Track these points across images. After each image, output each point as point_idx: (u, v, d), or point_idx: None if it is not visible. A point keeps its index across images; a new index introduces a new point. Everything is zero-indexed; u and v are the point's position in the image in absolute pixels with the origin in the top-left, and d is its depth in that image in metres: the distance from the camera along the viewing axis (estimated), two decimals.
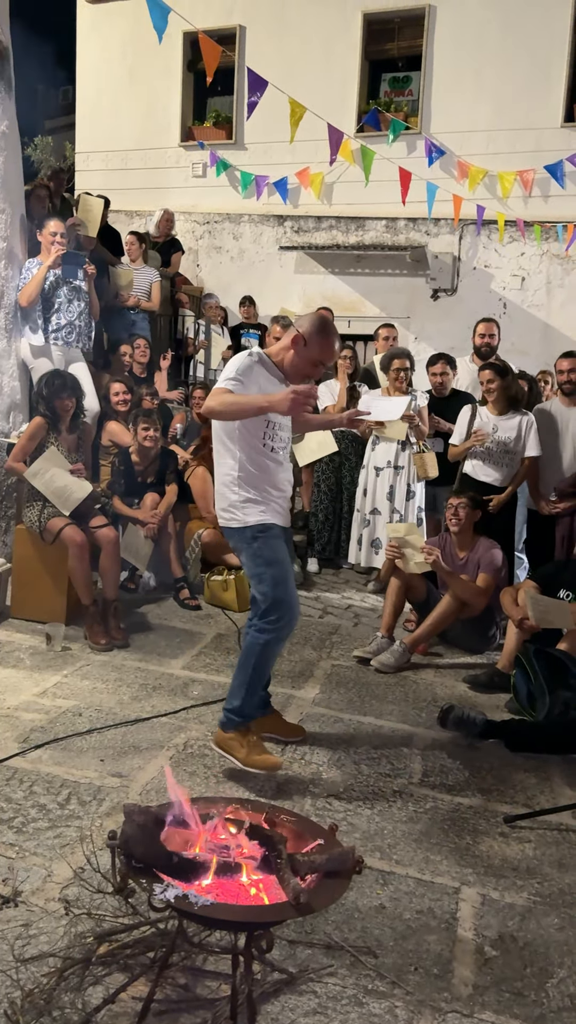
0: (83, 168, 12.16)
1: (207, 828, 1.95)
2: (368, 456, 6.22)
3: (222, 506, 3.42)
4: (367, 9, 10.56)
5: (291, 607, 3.33)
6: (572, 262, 9.84)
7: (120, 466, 5.72)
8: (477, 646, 5.10)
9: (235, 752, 3.37)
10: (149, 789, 3.17)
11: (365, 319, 10.32)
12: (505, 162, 9.78)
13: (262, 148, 10.74)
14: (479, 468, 5.52)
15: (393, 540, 4.95)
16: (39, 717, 3.72)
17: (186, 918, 1.88)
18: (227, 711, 3.41)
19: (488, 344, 6.59)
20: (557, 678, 4.05)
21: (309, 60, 10.52)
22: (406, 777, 3.47)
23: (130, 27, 11.02)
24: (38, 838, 2.79)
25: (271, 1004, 2.16)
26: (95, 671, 4.33)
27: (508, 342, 9.26)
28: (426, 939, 2.48)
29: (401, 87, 10.86)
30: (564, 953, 2.48)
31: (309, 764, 3.50)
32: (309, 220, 10.91)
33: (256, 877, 1.88)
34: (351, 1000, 2.21)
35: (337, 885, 1.89)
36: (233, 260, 11.29)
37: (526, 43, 9.81)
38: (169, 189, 11.35)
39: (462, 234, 10.24)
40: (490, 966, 2.40)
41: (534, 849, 3.02)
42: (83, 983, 2.16)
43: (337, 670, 4.66)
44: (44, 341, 5.83)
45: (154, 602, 5.56)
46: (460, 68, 10.12)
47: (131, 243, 7.90)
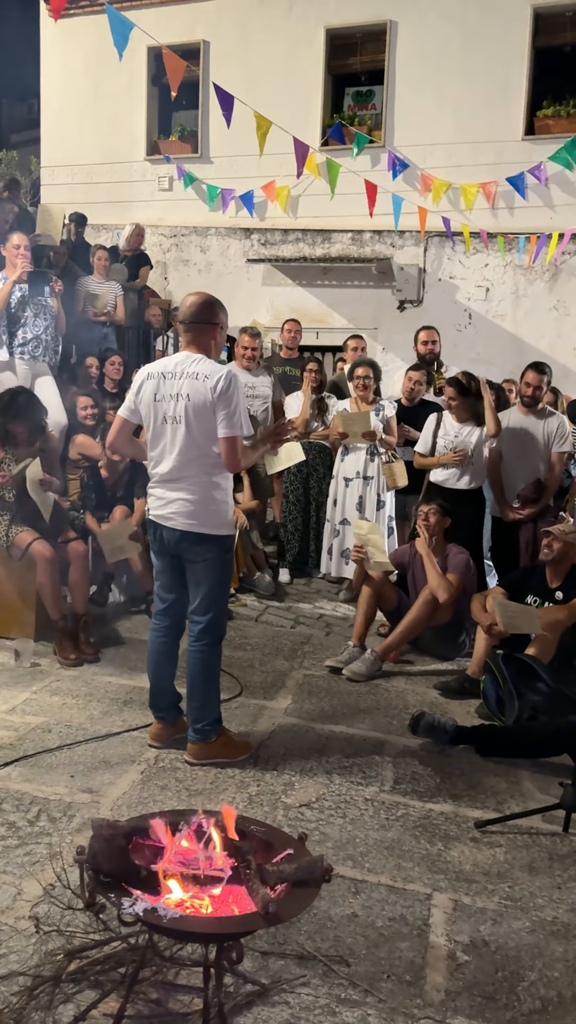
0: (48, 182, 12.14)
1: (176, 841, 1.94)
2: (337, 467, 6.26)
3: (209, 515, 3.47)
4: (329, 24, 10.67)
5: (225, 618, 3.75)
6: (535, 273, 9.99)
7: (89, 480, 5.70)
8: (447, 653, 5.13)
9: (227, 755, 3.57)
10: (120, 804, 3.15)
11: (333, 330, 10.40)
12: (468, 175, 9.92)
13: (228, 161, 10.80)
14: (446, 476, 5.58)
15: (359, 540, 5.00)
16: (8, 734, 3.68)
17: (155, 931, 1.87)
18: (205, 726, 3.54)
19: (431, 351, 6.73)
20: (526, 683, 4.09)
21: (273, 74, 10.61)
22: (378, 785, 3.48)
23: (94, 42, 11.03)
24: (7, 856, 2.76)
25: (243, 1016, 2.16)
26: (65, 687, 4.30)
27: (474, 352, 9.40)
28: (398, 946, 2.49)
29: (364, 101, 10.98)
30: (535, 956, 2.50)
31: (281, 774, 3.50)
32: (276, 233, 10.98)
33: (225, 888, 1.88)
34: (324, 1009, 2.21)
35: (306, 894, 1.89)
36: (201, 273, 11.31)
37: (486, 57, 9.97)
38: (135, 203, 11.37)
39: (427, 246, 10.36)
40: (462, 971, 2.42)
41: (505, 853, 3.05)
42: (54, 1001, 2.14)
43: (309, 680, 4.67)
44: (9, 356, 5.80)
45: (124, 616, 5.53)
46: (422, 82, 10.26)
47: (101, 257, 7.90)
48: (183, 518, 3.47)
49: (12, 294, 5.74)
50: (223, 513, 3.50)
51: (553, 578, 4.63)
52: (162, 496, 3.53)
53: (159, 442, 3.51)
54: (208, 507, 3.46)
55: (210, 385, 3.38)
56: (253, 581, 6.21)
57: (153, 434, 3.53)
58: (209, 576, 3.51)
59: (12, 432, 4.86)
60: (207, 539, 3.47)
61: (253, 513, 6.40)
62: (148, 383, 3.54)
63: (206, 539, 3.47)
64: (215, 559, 3.50)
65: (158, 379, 3.50)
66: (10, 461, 4.85)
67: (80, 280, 7.67)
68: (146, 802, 3.16)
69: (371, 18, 10.49)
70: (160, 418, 3.48)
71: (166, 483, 3.52)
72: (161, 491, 3.54)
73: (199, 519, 3.45)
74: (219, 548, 3.50)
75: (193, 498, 3.45)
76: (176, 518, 3.48)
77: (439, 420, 5.69)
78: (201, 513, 3.45)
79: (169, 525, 3.51)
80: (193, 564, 3.54)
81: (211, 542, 3.48)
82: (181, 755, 3.60)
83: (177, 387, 3.44)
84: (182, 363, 3.49)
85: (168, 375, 3.49)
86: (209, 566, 3.50)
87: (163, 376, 3.50)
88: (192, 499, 3.45)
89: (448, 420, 5.65)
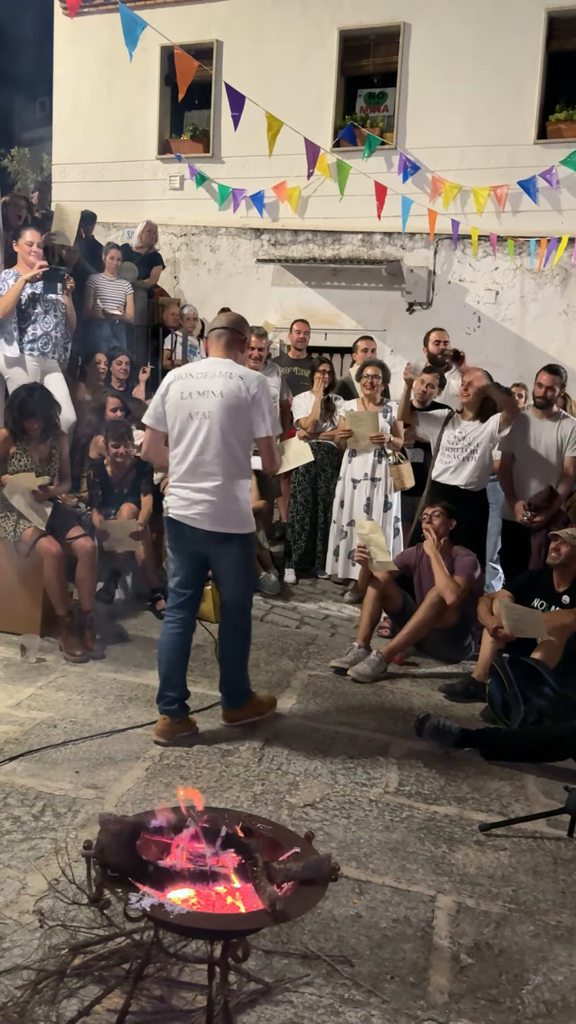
0: (60, 180, 12.15)
1: (183, 837, 1.94)
2: (345, 468, 6.25)
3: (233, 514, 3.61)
4: (343, 26, 10.67)
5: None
6: (545, 277, 9.97)
7: (95, 478, 5.70)
8: (453, 656, 5.13)
9: (257, 712, 3.94)
10: (124, 801, 3.15)
11: (342, 331, 10.38)
12: (479, 178, 9.90)
13: (239, 161, 10.80)
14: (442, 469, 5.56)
15: (361, 540, 5.01)
16: (13, 729, 3.69)
17: (162, 927, 1.87)
18: (241, 694, 3.89)
19: (442, 351, 6.73)
20: (531, 687, 4.09)
21: (286, 75, 10.60)
22: (382, 786, 3.48)
23: (107, 40, 11.02)
24: (12, 850, 2.76)
25: (247, 1014, 2.16)
26: (70, 682, 4.31)
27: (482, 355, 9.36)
28: (402, 947, 2.49)
29: (376, 103, 10.97)
30: (539, 960, 2.50)
31: (286, 774, 3.50)
32: (286, 233, 10.97)
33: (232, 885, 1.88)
34: (327, 1009, 2.21)
35: (313, 893, 1.89)
36: (211, 272, 11.31)
37: (499, 60, 9.95)
38: (146, 201, 11.36)
39: (437, 248, 10.35)
40: (466, 974, 2.41)
41: (509, 857, 3.04)
42: (57, 996, 2.14)
43: (314, 680, 4.66)
44: (19, 352, 5.81)
45: (130, 613, 5.53)
46: (435, 85, 10.25)
47: (114, 256, 7.91)
48: (209, 519, 3.54)
49: (23, 291, 5.74)
50: (246, 512, 3.65)
51: (560, 582, 4.62)
52: (186, 496, 3.58)
53: (183, 439, 3.57)
54: (232, 506, 3.57)
55: (245, 385, 3.51)
56: (259, 581, 6.20)
57: (178, 431, 3.59)
58: (236, 571, 3.72)
59: (25, 428, 4.86)
60: (231, 538, 3.60)
61: (260, 513, 6.39)
62: (175, 384, 3.62)
63: (231, 538, 3.60)
64: (239, 556, 3.68)
65: (186, 379, 3.60)
66: (21, 455, 4.85)
67: (91, 278, 7.68)
68: (150, 799, 3.16)
69: (385, 20, 10.48)
70: (186, 415, 3.55)
71: (190, 481, 3.57)
72: (185, 490, 3.59)
73: (224, 519, 3.55)
74: (243, 544, 3.68)
75: (217, 499, 3.53)
76: (202, 519, 3.55)
77: (450, 417, 5.66)
78: (226, 513, 3.55)
79: (194, 525, 3.57)
80: (219, 563, 3.70)
81: (235, 540, 3.62)
82: (185, 752, 3.60)
83: (208, 385, 3.53)
84: (213, 365, 3.61)
85: (197, 375, 3.59)
86: (235, 563, 3.69)
87: (191, 376, 3.60)
88: (217, 499, 3.53)
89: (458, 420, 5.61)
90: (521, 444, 5.56)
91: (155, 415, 3.68)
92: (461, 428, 5.54)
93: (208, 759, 3.57)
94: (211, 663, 4.64)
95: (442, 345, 6.82)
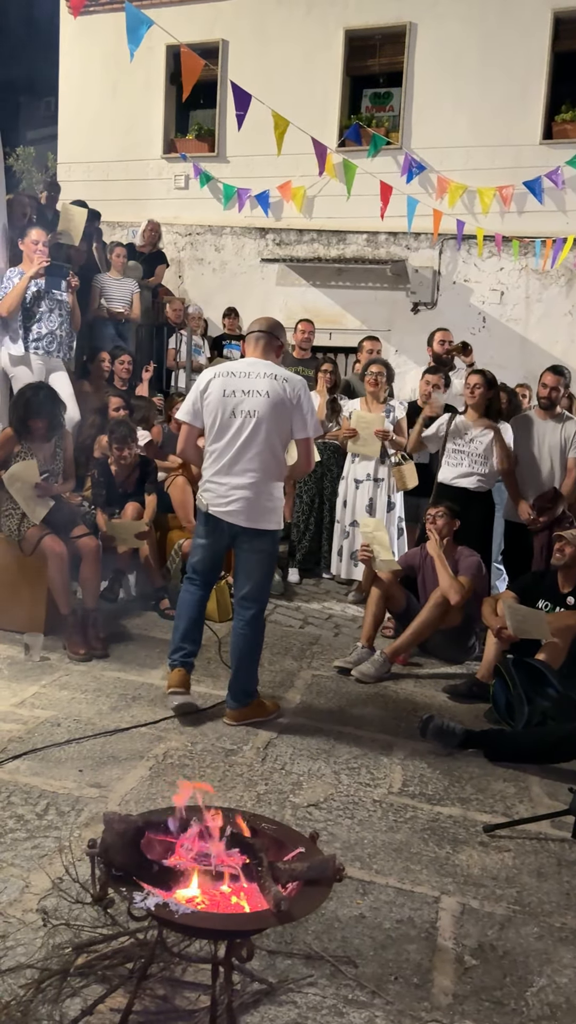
0: (65, 179, 12.15)
1: (188, 836, 1.94)
2: (348, 468, 6.24)
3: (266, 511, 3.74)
4: (349, 25, 10.67)
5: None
6: (550, 277, 9.96)
7: (100, 477, 5.70)
8: (457, 656, 5.12)
9: (259, 715, 3.93)
10: (128, 800, 3.14)
11: (346, 331, 10.38)
12: (484, 178, 9.90)
13: (244, 161, 10.80)
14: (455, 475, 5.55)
15: (364, 539, 5.01)
16: (17, 727, 3.69)
17: (166, 927, 1.87)
18: (247, 694, 3.90)
19: (448, 349, 6.73)
20: (535, 688, 4.08)
21: (291, 75, 10.60)
22: (386, 787, 3.47)
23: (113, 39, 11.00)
24: (15, 849, 2.76)
25: (250, 1015, 2.15)
26: (74, 681, 4.31)
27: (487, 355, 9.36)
28: (406, 948, 2.48)
29: (382, 103, 10.97)
30: (543, 962, 2.49)
31: (289, 774, 3.49)
32: (291, 233, 10.97)
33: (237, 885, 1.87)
34: (331, 1010, 2.20)
35: (318, 893, 1.89)
36: (215, 272, 11.32)
37: (505, 61, 9.95)
38: (151, 201, 11.37)
39: (442, 249, 10.34)
40: (470, 975, 2.40)
41: (513, 858, 3.03)
42: (60, 995, 2.13)
43: (318, 680, 4.66)
44: (24, 350, 5.81)
45: (134, 612, 5.53)
46: (440, 85, 10.24)
47: (119, 254, 7.91)
48: (243, 514, 3.71)
49: (28, 289, 5.75)
50: (278, 509, 3.79)
51: (565, 583, 4.61)
52: (223, 492, 3.73)
53: (224, 435, 3.71)
54: (267, 503, 3.72)
55: (290, 387, 3.68)
56: None
57: (219, 428, 3.72)
58: (261, 566, 3.82)
59: (30, 427, 4.86)
60: (263, 534, 3.75)
61: None
62: (216, 381, 3.75)
63: (263, 534, 3.75)
64: (268, 551, 3.81)
65: (227, 377, 3.75)
66: (25, 454, 4.85)
67: (96, 277, 7.69)
68: (154, 798, 3.16)
69: (390, 20, 10.48)
70: (228, 412, 3.69)
71: (228, 476, 3.71)
72: (222, 486, 3.73)
73: (258, 515, 3.71)
74: (272, 541, 3.82)
75: (252, 495, 3.69)
76: (237, 514, 3.71)
77: (452, 419, 5.65)
78: (260, 509, 3.71)
79: (230, 520, 3.73)
80: (247, 555, 3.81)
81: (266, 536, 3.77)
82: (189, 752, 3.60)
83: (252, 384, 3.68)
84: (254, 365, 3.77)
85: (239, 374, 3.74)
86: (262, 558, 3.81)
87: (232, 374, 3.75)
88: (252, 496, 3.69)
89: (460, 420, 5.61)
90: (525, 445, 5.56)
91: (192, 411, 3.80)
92: (469, 431, 5.52)
93: (212, 759, 3.57)
94: (214, 662, 4.65)
95: (447, 344, 6.82)
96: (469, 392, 5.55)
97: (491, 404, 5.51)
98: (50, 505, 4.77)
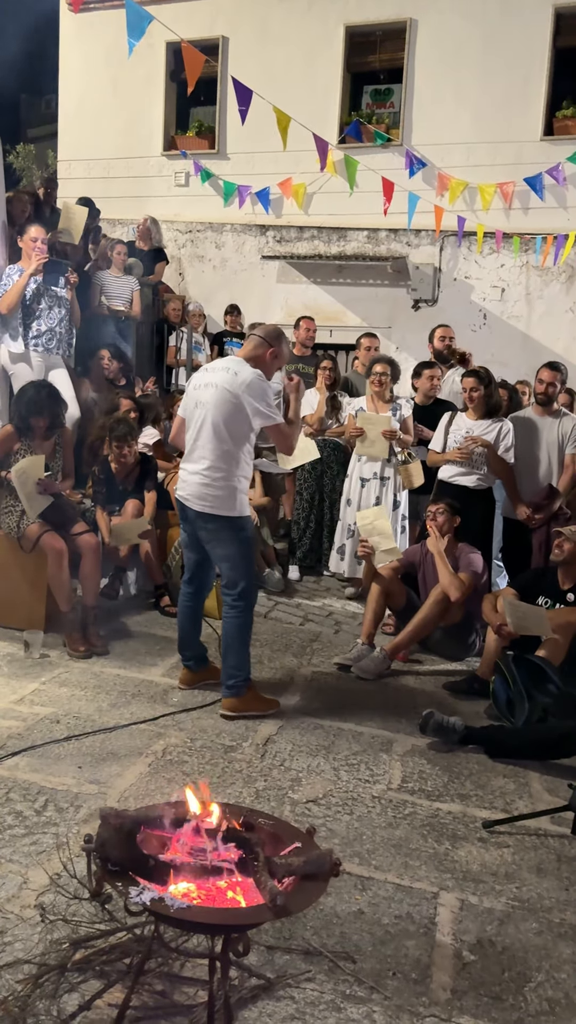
0: (65, 176, 12.12)
1: (184, 831, 1.93)
2: (354, 466, 6.19)
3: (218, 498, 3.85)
4: (349, 22, 10.63)
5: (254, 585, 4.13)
6: (551, 274, 9.93)
7: (100, 475, 5.69)
8: (457, 653, 5.11)
9: (254, 707, 3.97)
10: (127, 796, 3.14)
11: (347, 328, 10.35)
12: (485, 174, 9.86)
13: (245, 158, 10.77)
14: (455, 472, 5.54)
15: (363, 532, 5.01)
16: (16, 724, 3.69)
17: (162, 921, 1.87)
18: (238, 682, 3.96)
19: (449, 346, 6.73)
20: (536, 684, 4.07)
21: (292, 71, 10.57)
22: (385, 783, 3.47)
23: (113, 36, 10.98)
24: (14, 845, 2.76)
25: (248, 1010, 2.15)
26: (74, 678, 4.30)
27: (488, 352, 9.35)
28: (405, 944, 2.48)
29: (383, 99, 10.93)
30: (542, 958, 2.49)
31: (288, 770, 3.49)
32: (291, 230, 10.95)
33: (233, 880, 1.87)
34: (329, 1005, 2.20)
35: (315, 888, 1.88)
36: (216, 269, 11.30)
37: (506, 57, 9.90)
38: (151, 198, 11.35)
39: (443, 245, 10.31)
40: (468, 971, 2.40)
41: (513, 854, 3.03)
42: (58, 990, 2.13)
43: (318, 677, 4.65)
44: (24, 348, 5.80)
45: (134, 609, 5.53)
46: (441, 81, 10.20)
47: (120, 252, 7.90)
48: (197, 499, 3.88)
49: (27, 286, 5.74)
50: (233, 498, 3.86)
51: (565, 580, 4.60)
52: (184, 477, 3.98)
53: (190, 426, 3.97)
54: (216, 490, 3.84)
55: (238, 379, 3.81)
56: (263, 577, 6.20)
57: (188, 418, 3.99)
58: (227, 552, 3.91)
59: (31, 425, 4.86)
60: (217, 519, 3.86)
61: (265, 510, 6.38)
62: (194, 376, 4.08)
63: (216, 519, 3.86)
64: (228, 537, 3.89)
65: (202, 373, 4.05)
66: (25, 452, 4.85)
67: (97, 275, 7.67)
68: (153, 794, 3.16)
69: (391, 16, 10.44)
70: (193, 403, 3.95)
71: (188, 463, 3.95)
72: (184, 472, 3.99)
73: (211, 500, 3.85)
74: (231, 527, 3.88)
75: (202, 480, 3.86)
76: (192, 499, 3.90)
77: (452, 418, 5.65)
78: (212, 495, 3.85)
79: (185, 504, 3.95)
80: (208, 543, 3.97)
81: (222, 521, 3.86)
82: (188, 748, 3.59)
83: (211, 378, 3.91)
84: (226, 361, 4.02)
85: (211, 369, 4.02)
86: (223, 543, 3.91)
87: (206, 370, 4.05)
88: (202, 481, 3.86)
89: (462, 418, 5.61)
90: (522, 442, 5.55)
91: (182, 404, 4.12)
92: (469, 429, 5.51)
93: (211, 755, 3.57)
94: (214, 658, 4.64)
95: (447, 341, 6.81)
96: (467, 396, 5.55)
97: (491, 400, 5.50)
98: (48, 503, 4.76)
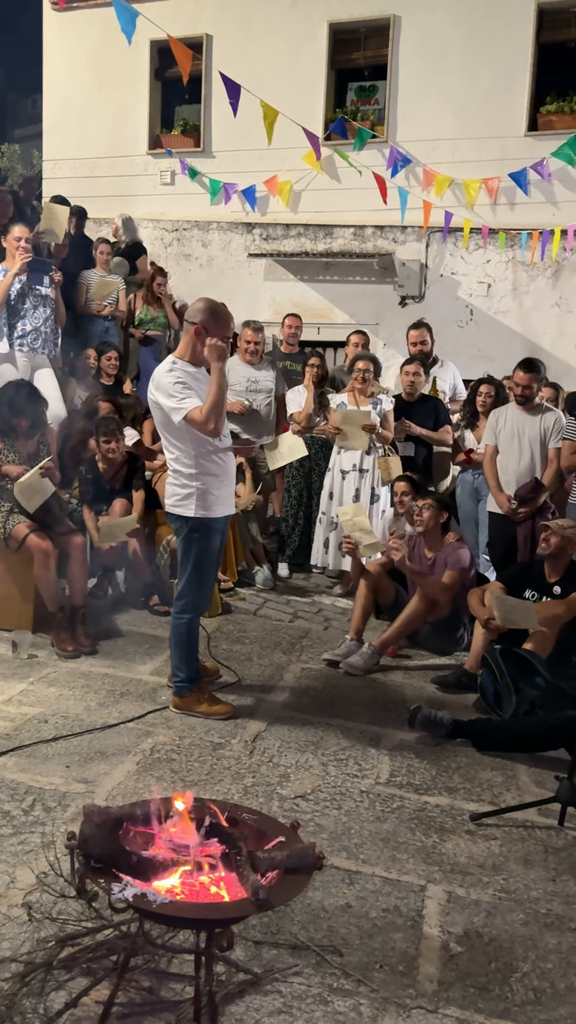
0: (51, 176, 12.10)
1: (167, 827, 1.94)
2: (334, 459, 6.22)
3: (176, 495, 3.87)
4: (333, 19, 10.62)
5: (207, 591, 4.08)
6: (537, 269, 9.95)
7: (88, 474, 5.68)
8: (445, 647, 5.12)
9: (196, 708, 3.92)
10: (115, 795, 3.14)
11: (335, 326, 10.36)
12: (470, 170, 9.88)
13: (230, 156, 10.76)
14: None
15: (345, 528, 5.03)
16: (4, 724, 3.68)
17: (145, 917, 1.87)
18: (178, 683, 3.96)
19: (421, 351, 6.67)
20: (523, 677, 4.09)
21: (276, 69, 10.55)
22: (373, 777, 3.48)
23: (97, 35, 10.99)
24: (1, 844, 2.76)
25: (235, 1005, 2.16)
26: (62, 678, 4.30)
27: (475, 348, 9.37)
28: (392, 937, 2.48)
29: (367, 96, 10.93)
30: (528, 948, 2.50)
31: (277, 766, 3.50)
32: (278, 228, 10.94)
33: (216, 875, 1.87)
34: (316, 999, 2.21)
35: (298, 881, 1.89)
36: (202, 267, 11.28)
37: (490, 53, 9.92)
38: (137, 197, 11.33)
39: (429, 242, 10.32)
40: (455, 962, 2.41)
41: (500, 846, 3.04)
42: (45, 988, 2.14)
43: (307, 673, 4.66)
44: (9, 348, 5.79)
45: (123, 608, 5.52)
46: (425, 77, 10.21)
47: (104, 251, 7.89)
48: (167, 497, 3.93)
49: (12, 286, 5.73)
50: (190, 498, 3.82)
51: (551, 573, 4.62)
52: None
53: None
54: (179, 489, 3.85)
55: (154, 383, 3.80)
56: (252, 575, 6.20)
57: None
58: (186, 552, 3.91)
59: (13, 425, 4.85)
60: (176, 518, 3.89)
61: (254, 507, 6.38)
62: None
63: (176, 518, 3.89)
64: (185, 537, 3.89)
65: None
66: (8, 452, 4.84)
67: (83, 274, 7.66)
68: (141, 792, 3.16)
69: (375, 13, 10.44)
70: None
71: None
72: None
73: (172, 499, 3.89)
74: (187, 527, 3.86)
75: (171, 479, 3.91)
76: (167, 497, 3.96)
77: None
78: (173, 493, 3.88)
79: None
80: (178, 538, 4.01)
81: (180, 521, 3.87)
82: (177, 746, 3.60)
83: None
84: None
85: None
86: (182, 544, 3.92)
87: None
88: (171, 480, 3.91)
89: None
90: (504, 437, 5.55)
91: None
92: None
93: (199, 752, 3.57)
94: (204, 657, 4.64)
95: (419, 346, 6.73)
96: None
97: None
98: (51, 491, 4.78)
